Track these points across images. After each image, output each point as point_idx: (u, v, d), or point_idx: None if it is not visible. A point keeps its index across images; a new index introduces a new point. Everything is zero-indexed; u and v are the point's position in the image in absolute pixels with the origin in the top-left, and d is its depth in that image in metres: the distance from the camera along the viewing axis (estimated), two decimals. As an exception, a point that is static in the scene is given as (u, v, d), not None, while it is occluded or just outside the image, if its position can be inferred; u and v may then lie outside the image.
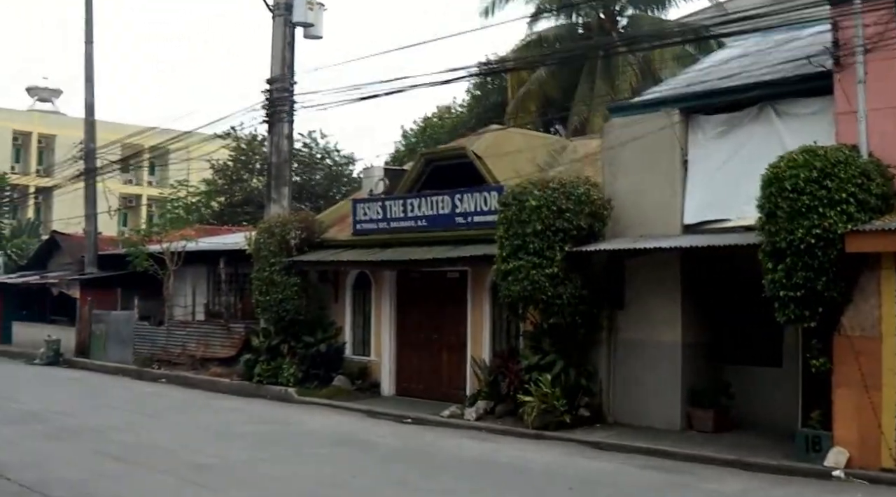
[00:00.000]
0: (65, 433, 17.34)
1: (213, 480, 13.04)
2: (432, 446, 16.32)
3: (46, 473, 13.31)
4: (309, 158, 48.24)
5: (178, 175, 48.50)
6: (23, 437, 16.69)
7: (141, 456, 14.89)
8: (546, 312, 17.68)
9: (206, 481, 12.94)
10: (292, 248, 23.40)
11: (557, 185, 17.61)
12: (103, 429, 17.86)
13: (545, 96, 35.47)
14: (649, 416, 17.64)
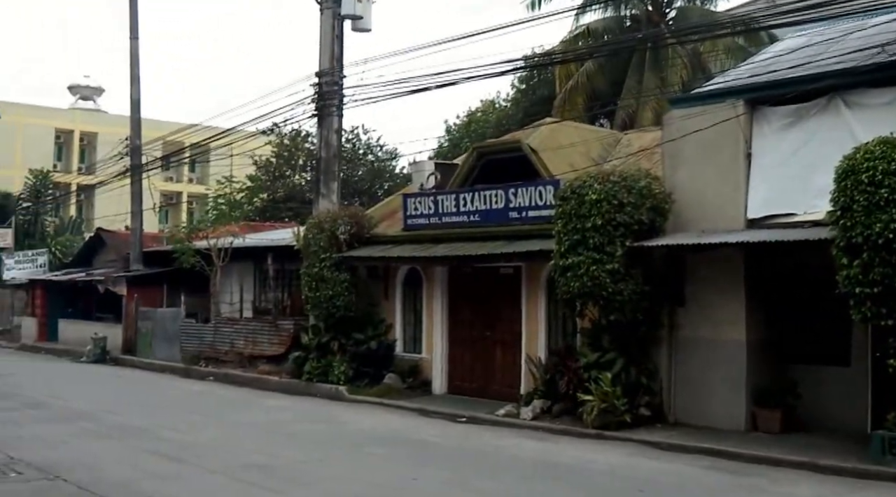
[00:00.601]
0: (115, 432, 17.16)
1: (270, 481, 12.69)
2: (490, 446, 15.90)
3: (100, 474, 13.08)
4: (352, 154, 47.99)
5: (219, 172, 48.64)
6: (74, 436, 16.48)
7: (193, 455, 14.59)
8: (606, 309, 17.25)
9: (262, 482, 12.60)
10: (342, 243, 23.06)
11: (618, 178, 17.15)
12: (154, 428, 17.60)
13: (593, 90, 35.00)
14: (712, 416, 17.15)
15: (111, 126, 60.13)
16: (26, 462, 13.76)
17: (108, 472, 13.28)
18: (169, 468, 13.68)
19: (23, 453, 14.41)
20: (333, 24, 25.24)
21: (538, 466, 14.09)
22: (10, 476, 12.93)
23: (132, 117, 35.91)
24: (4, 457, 14.20)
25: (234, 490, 12.30)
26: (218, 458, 14.39)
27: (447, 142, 45.21)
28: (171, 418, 18.91)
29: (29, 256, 41.40)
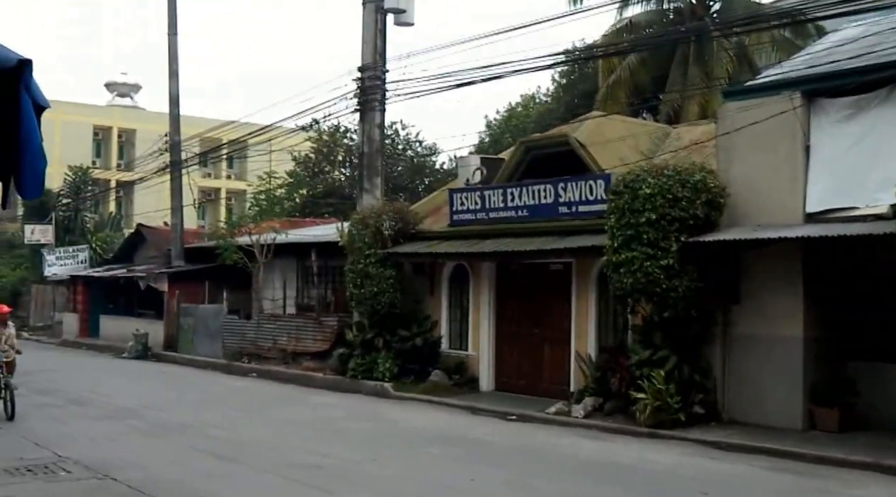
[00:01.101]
0: (162, 430, 17.00)
1: (323, 481, 12.41)
2: (545, 445, 15.60)
3: (150, 473, 12.89)
4: (391, 150, 47.79)
5: (257, 168, 48.58)
6: (121, 434, 16.36)
7: (244, 454, 14.35)
8: (659, 306, 16.91)
9: (315, 482, 12.33)
10: (387, 239, 22.82)
11: (672, 172, 16.81)
12: (201, 425, 17.45)
13: (635, 84, 34.58)
14: (767, 415, 16.79)
15: (149, 123, 60.26)
16: (74, 460, 13.60)
17: (158, 471, 13.10)
18: (219, 467, 13.49)
19: (70, 451, 14.26)
20: (376, 19, 24.97)
21: (596, 467, 13.78)
22: (59, 475, 12.76)
23: (171, 113, 35.79)
24: (52, 455, 14.07)
25: (287, 491, 12.05)
26: (268, 456, 14.16)
27: (487, 137, 44.89)
28: (217, 415, 18.77)
29: (70, 252, 41.46)
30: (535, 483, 12.45)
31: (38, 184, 4.32)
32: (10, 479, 12.37)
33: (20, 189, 4.30)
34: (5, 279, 47.36)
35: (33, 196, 4.41)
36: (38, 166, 4.30)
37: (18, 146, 4.26)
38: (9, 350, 18.21)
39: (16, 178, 4.42)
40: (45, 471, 12.96)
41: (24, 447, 14.85)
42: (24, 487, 11.97)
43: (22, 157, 4.23)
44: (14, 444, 15.19)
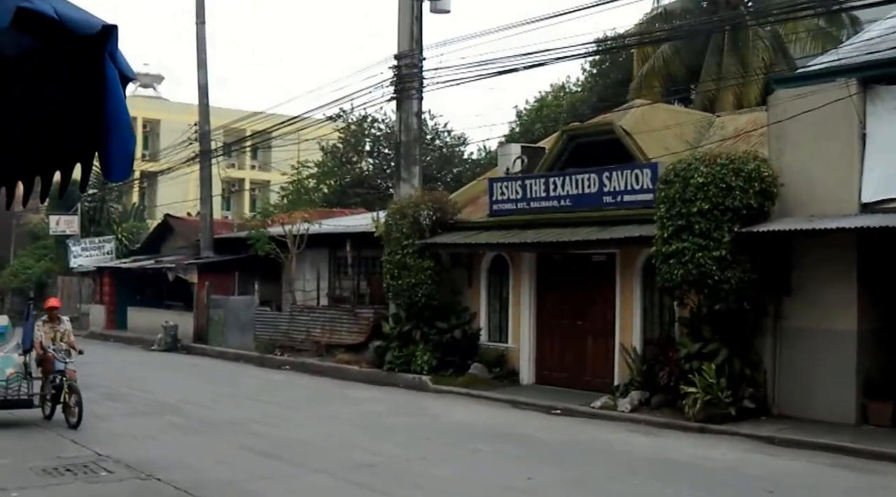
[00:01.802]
0: (204, 426, 16.62)
1: (379, 482, 11.97)
2: (596, 441, 15.21)
3: (197, 473, 12.48)
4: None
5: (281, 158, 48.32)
6: (162, 431, 15.97)
7: (292, 453, 13.89)
8: (711, 298, 16.51)
9: (371, 483, 11.90)
10: (424, 229, 22.45)
11: (726, 160, 16.40)
12: (242, 421, 17.04)
13: (668, 73, 34.10)
14: (818, 409, 16.40)
15: (173, 113, 60.11)
16: (115, 459, 13.20)
17: (205, 471, 12.73)
18: (269, 467, 13.03)
19: (111, 449, 13.86)
20: (412, 6, 24.61)
21: (653, 464, 13.37)
22: (100, 475, 12.35)
23: (200, 102, 35.49)
24: (92, 453, 13.68)
25: (343, 493, 11.60)
26: (317, 455, 13.72)
27: (518, 127, 44.44)
28: (257, 411, 18.37)
29: (96, 243, 41.23)
30: (594, 482, 12.07)
31: (126, 164, 3.81)
32: (49, 480, 11.96)
33: (107, 170, 3.78)
34: (30, 271, 47.22)
35: (121, 178, 3.93)
36: (126, 144, 3.78)
37: (105, 122, 3.70)
38: (66, 349, 16.57)
39: (101, 157, 3.92)
40: (84, 470, 12.55)
41: (62, 445, 14.47)
42: (63, 489, 11.56)
43: (109, 135, 3.72)
44: (51, 441, 14.84)
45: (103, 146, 3.82)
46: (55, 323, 16.94)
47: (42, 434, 15.59)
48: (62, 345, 16.55)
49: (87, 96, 3.85)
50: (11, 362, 16.32)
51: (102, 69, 3.73)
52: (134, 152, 4.01)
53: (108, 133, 3.75)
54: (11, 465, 12.88)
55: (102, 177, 4.21)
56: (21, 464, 12.87)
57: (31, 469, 12.51)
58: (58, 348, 16.37)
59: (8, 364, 16.26)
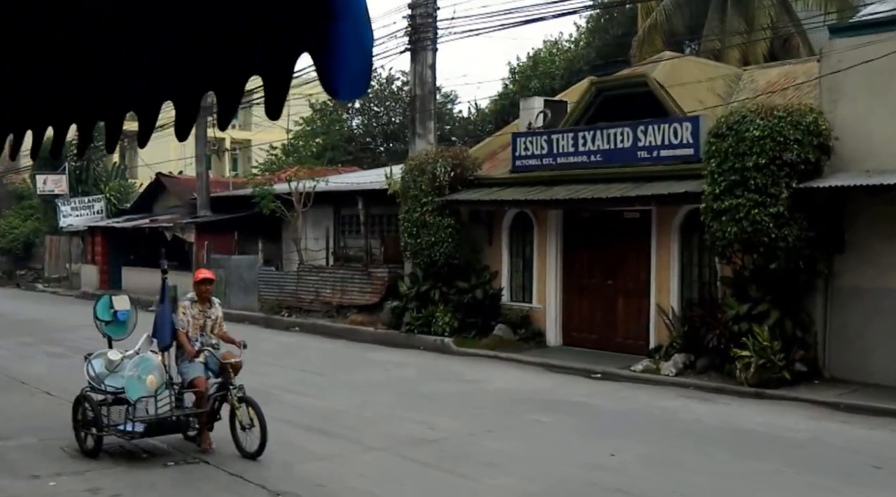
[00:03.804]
0: None
1: (449, 461, 10.96)
2: (657, 409, 14.37)
3: None
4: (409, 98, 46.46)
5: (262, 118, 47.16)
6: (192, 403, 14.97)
7: (336, 426, 12.94)
8: (766, 257, 15.75)
9: (444, 463, 10.89)
10: (444, 186, 21.56)
11: (783, 112, 15.60)
12: (269, 389, 15.74)
13: (671, 29, 33.23)
14: (872, 372, 15.79)
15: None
16: None
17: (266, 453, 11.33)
18: (317, 444, 12.00)
19: None
20: (426, -48, 23.58)
21: (732, 436, 12.52)
22: (141, 456, 11.38)
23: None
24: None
25: (414, 473, 10.53)
26: (366, 429, 12.71)
27: (512, 83, 43.49)
28: (281, 377, 17.29)
29: (86, 203, 40.04)
30: (681, 459, 11.20)
31: (362, 73, 2.37)
32: (86, 463, 10.93)
33: (331, 81, 2.35)
34: (17, 230, 45.95)
35: (356, 93, 2.41)
36: (363, 42, 2.39)
37: (331, 11, 2.33)
38: (217, 342, 11.90)
39: (320, 64, 2.30)
40: (122, 451, 11.54)
41: None
42: (106, 473, 10.52)
43: (338, 27, 2.35)
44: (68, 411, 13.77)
45: (324, 45, 2.34)
46: (205, 305, 11.99)
47: (59, 404, 14.54)
48: (211, 337, 11.88)
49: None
50: (151, 365, 11.16)
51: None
52: (371, 54, 2.40)
53: (338, 24, 2.31)
54: (39, 444, 11.90)
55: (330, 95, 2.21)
56: (49, 442, 11.91)
57: (63, 450, 11.54)
58: (206, 341, 11.76)
59: (147, 368, 11.08)
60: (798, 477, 10.34)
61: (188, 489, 9.95)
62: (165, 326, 11.44)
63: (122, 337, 12.25)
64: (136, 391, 10.89)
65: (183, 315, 11.76)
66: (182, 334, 11.47)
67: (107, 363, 11.62)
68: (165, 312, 11.51)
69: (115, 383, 11.33)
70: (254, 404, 11.11)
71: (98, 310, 12.16)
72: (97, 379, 11.47)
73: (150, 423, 11.05)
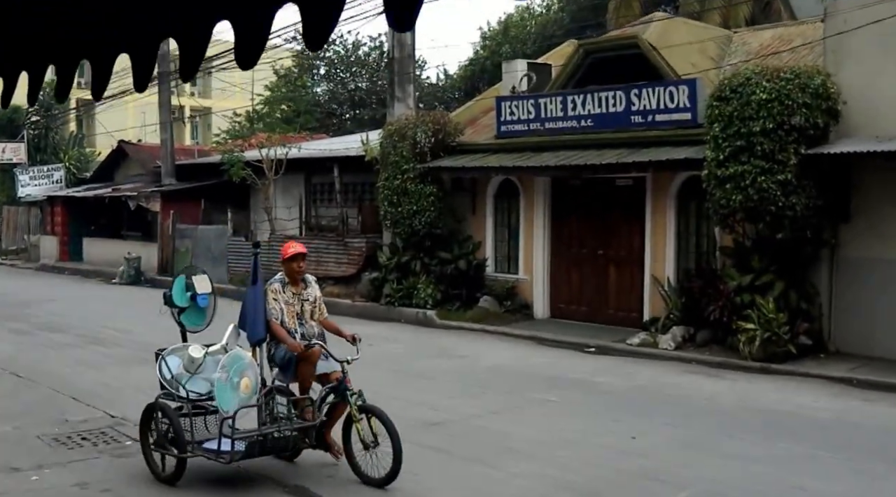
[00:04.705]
0: None
1: (463, 447, 10.12)
2: (666, 386, 13.64)
3: None
4: (377, 64, 45.54)
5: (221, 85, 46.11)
6: None
7: None
8: (772, 226, 15.08)
9: (455, 448, 10.07)
10: (426, 153, 20.71)
11: (790, 74, 14.89)
12: None
13: (648, -10, 32.50)
14: (879, 345, 15.26)
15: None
16: (135, 422, 10.70)
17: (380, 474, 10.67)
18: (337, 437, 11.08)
19: (123, 409, 11.85)
20: None
21: (753, 415, 11.83)
22: (126, 444, 10.38)
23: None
24: (103, 415, 11.74)
25: (427, 462, 9.43)
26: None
27: (482, 48, 42.62)
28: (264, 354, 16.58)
29: (44, 172, 38.71)
30: (706, 440, 10.51)
31: None
32: (66, 454, 9.97)
33: None
34: (-28, 201, 44.59)
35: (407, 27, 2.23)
36: None
37: None
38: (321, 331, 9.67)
39: None
40: (104, 439, 10.60)
41: (63, 403, 12.47)
42: (90, 466, 9.56)
43: None
44: (48, 399, 12.82)
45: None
46: (299, 286, 9.58)
47: (28, 387, 13.68)
48: (312, 325, 9.56)
49: None
50: (243, 364, 8.72)
51: None
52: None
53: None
54: (13, 433, 10.92)
55: None
56: (24, 430, 10.97)
57: (39, 438, 10.60)
58: (307, 331, 9.46)
59: (239, 368, 8.65)
60: (837, 461, 9.70)
61: (185, 481, 9.01)
62: (258, 315, 9.11)
63: (199, 327, 9.85)
64: (229, 399, 8.48)
65: (274, 301, 9.32)
66: (276, 325, 9.20)
67: (187, 362, 9.16)
68: (258, 297, 9.16)
69: (198, 388, 8.98)
70: (380, 415, 8.81)
71: (174, 293, 9.68)
72: (175, 382, 9.03)
73: (254, 441, 8.74)
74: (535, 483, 8.86)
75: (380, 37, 45.20)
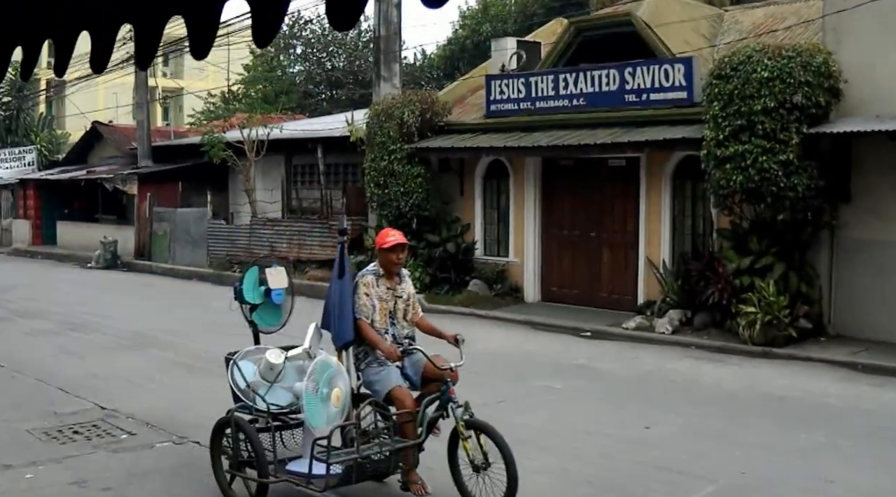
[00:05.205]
0: (205, 363, 13.48)
1: None
2: (670, 372, 13.32)
3: None
4: (354, 44, 45.04)
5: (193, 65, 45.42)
6: (159, 372, 13.39)
7: None
8: (774, 207, 14.77)
9: None
10: (413, 133, 20.29)
11: (792, 52, 14.55)
12: None
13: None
14: (879, 328, 15.01)
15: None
16: (126, 414, 10.80)
17: None
18: None
19: (113, 400, 11.45)
20: None
21: (764, 402, 11.53)
22: (120, 437, 9.90)
23: None
24: (93, 406, 11.24)
25: (436, 453, 8.61)
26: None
27: (461, 27, 42.13)
28: None
29: (16, 154, 37.97)
30: (722, 429, 10.18)
31: None
32: (60, 449, 9.49)
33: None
34: (-60, 184, 43.73)
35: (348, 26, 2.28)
36: None
37: None
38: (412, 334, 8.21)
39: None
40: (97, 433, 10.11)
41: (49, 394, 11.99)
42: (86, 462, 9.06)
43: None
44: (33, 390, 12.35)
45: None
46: (393, 280, 8.13)
47: (12, 377, 13.15)
48: (404, 326, 8.14)
49: None
50: (332, 372, 7.41)
51: None
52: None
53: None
54: (1, 427, 10.40)
55: None
56: (12, 424, 10.48)
57: (30, 433, 10.10)
58: (398, 332, 8.06)
59: (329, 376, 7.36)
60: (860, 450, 9.40)
61: (189, 478, 8.58)
62: (346, 313, 7.85)
63: (274, 328, 8.61)
64: (318, 413, 7.20)
65: (365, 297, 7.90)
66: (366, 325, 7.82)
67: (264, 369, 7.74)
68: (345, 292, 7.91)
69: (279, 399, 7.70)
70: (491, 432, 7.47)
71: (245, 288, 8.42)
72: (251, 392, 7.72)
73: (351, 465, 7.34)
74: (555, 479, 8.49)
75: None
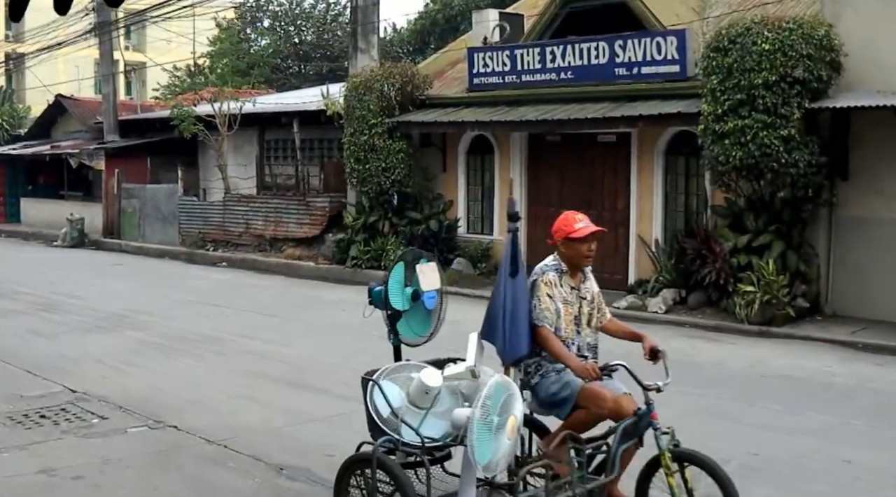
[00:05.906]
0: (179, 344, 13.40)
1: None
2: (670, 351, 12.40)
3: (219, 417, 9.42)
4: (323, 19, 44.32)
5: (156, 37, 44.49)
6: (133, 353, 12.70)
7: (326, 381, 10.88)
8: (774, 184, 14.36)
9: None
10: (394, 106, 19.74)
11: (793, 24, 14.11)
12: (223, 336, 13.92)
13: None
14: (877, 307, 14.75)
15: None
16: (98, 397, 10.18)
17: (227, 413, 9.60)
18: (313, 404, 9.95)
19: (84, 383, 10.82)
20: None
21: (771, 382, 11.18)
22: (91, 422, 9.30)
23: (96, -30, 31.38)
24: (62, 389, 10.61)
25: None
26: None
27: (434, 2, 41.49)
28: (232, 321, 15.42)
29: (-25, 129, 37.04)
30: (731, 410, 9.85)
31: None
32: (27, 435, 8.84)
33: None
34: None
35: None
36: None
37: None
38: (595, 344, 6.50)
39: None
40: (66, 417, 9.48)
41: (16, 377, 11.29)
42: (56, 449, 8.42)
43: None
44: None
45: None
46: (577, 279, 6.48)
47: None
48: (588, 333, 6.47)
49: None
50: (510, 397, 5.45)
51: None
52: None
53: None
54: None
55: None
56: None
57: (-8, 417, 9.48)
58: (581, 342, 6.38)
59: (505, 402, 5.41)
60: (874, 430, 9.13)
61: (167, 465, 8.04)
62: (519, 321, 6.07)
63: (422, 339, 6.67)
64: (488, 448, 5.32)
65: (548, 299, 6.21)
66: (550, 335, 6.12)
67: (415, 393, 5.90)
68: (518, 294, 6.11)
69: (432, 430, 5.82)
70: (704, 463, 5.82)
71: (391, 290, 6.55)
72: (396, 421, 5.83)
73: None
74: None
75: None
